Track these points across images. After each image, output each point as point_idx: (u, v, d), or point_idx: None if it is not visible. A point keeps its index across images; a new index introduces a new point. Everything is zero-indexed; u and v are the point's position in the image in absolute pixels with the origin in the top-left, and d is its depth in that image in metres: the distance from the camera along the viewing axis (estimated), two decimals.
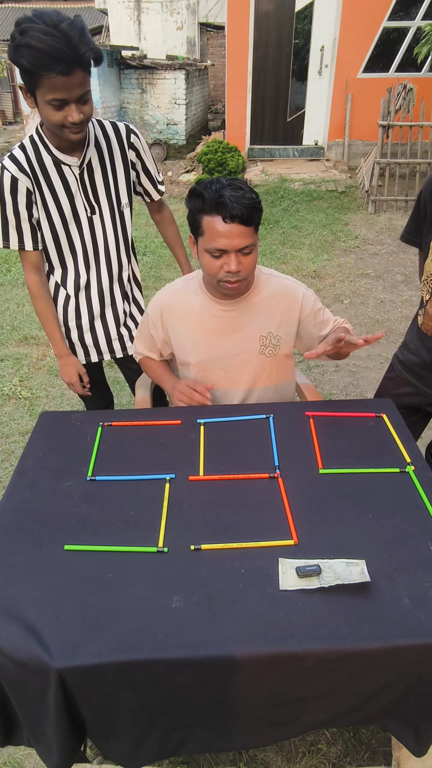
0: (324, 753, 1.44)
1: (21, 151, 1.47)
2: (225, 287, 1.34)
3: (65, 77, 1.23)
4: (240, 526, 1.09)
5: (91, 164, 1.53)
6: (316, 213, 5.91)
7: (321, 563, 0.99)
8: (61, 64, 1.20)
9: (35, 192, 1.50)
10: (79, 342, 1.78)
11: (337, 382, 3.08)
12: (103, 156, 1.54)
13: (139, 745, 0.98)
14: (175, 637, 0.88)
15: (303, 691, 0.92)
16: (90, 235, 1.61)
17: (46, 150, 1.47)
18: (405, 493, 1.16)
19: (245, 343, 1.46)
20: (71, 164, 1.49)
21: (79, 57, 1.21)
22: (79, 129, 1.37)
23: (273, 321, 1.46)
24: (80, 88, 1.28)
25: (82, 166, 1.51)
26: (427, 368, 1.50)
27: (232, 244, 1.26)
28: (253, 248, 1.31)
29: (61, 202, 1.54)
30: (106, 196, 1.59)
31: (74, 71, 1.23)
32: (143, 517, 1.12)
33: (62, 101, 1.29)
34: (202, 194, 1.26)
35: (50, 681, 0.86)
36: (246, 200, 1.23)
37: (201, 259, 1.34)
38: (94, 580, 0.98)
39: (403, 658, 0.88)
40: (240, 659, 0.86)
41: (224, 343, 1.46)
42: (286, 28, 7.02)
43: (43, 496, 1.17)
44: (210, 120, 11.08)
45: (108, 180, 1.57)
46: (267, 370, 1.51)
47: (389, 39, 6.79)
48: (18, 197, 1.48)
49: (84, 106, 1.33)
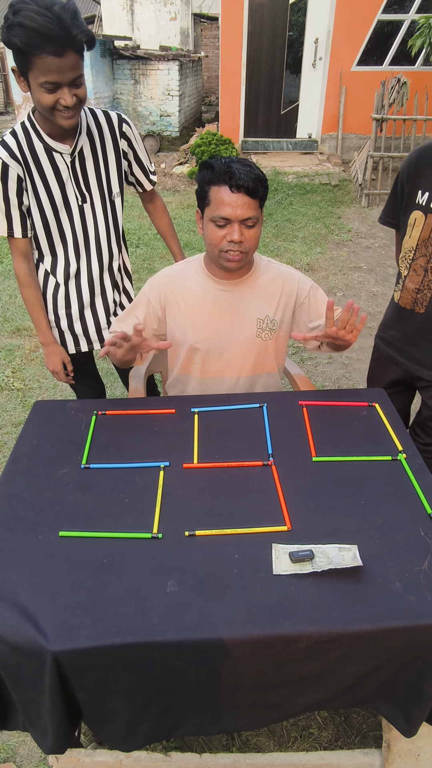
0: (316, 737, 1.46)
1: (12, 137, 1.46)
2: (225, 258, 1.36)
3: (57, 59, 1.22)
4: (234, 513, 1.10)
5: (83, 152, 1.52)
6: (310, 206, 5.91)
7: (314, 548, 1.00)
8: (53, 44, 1.20)
9: (26, 179, 1.49)
10: (68, 330, 1.77)
11: (329, 374, 3.10)
12: (95, 144, 1.54)
13: (133, 728, 0.99)
14: (169, 621, 0.89)
15: (295, 673, 0.93)
16: (81, 223, 1.60)
17: (38, 137, 1.46)
18: (396, 481, 1.18)
19: (243, 326, 1.48)
20: (63, 152, 1.48)
21: (71, 38, 1.21)
22: (71, 114, 1.35)
23: (271, 305, 1.48)
24: (73, 71, 1.27)
25: (74, 154, 1.50)
26: (407, 341, 1.57)
27: (236, 213, 1.30)
28: (257, 222, 1.34)
29: (52, 189, 1.52)
30: (97, 184, 1.58)
31: (66, 52, 1.23)
32: (138, 504, 1.13)
33: (55, 84, 1.27)
34: (212, 165, 1.32)
35: (46, 664, 0.87)
36: (253, 174, 1.29)
37: (205, 230, 1.38)
38: (89, 565, 0.99)
39: (393, 640, 0.90)
40: (234, 641, 0.87)
41: (222, 325, 1.47)
42: (281, 19, 6.98)
43: (37, 484, 1.18)
44: (204, 112, 11.01)
45: (99, 169, 1.57)
46: (262, 355, 1.52)
47: (383, 32, 6.78)
48: (8, 184, 1.47)
49: (77, 89, 1.32)
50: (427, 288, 1.45)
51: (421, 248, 1.43)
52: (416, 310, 1.50)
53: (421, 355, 1.56)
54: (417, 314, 1.51)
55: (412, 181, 1.43)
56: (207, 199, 1.33)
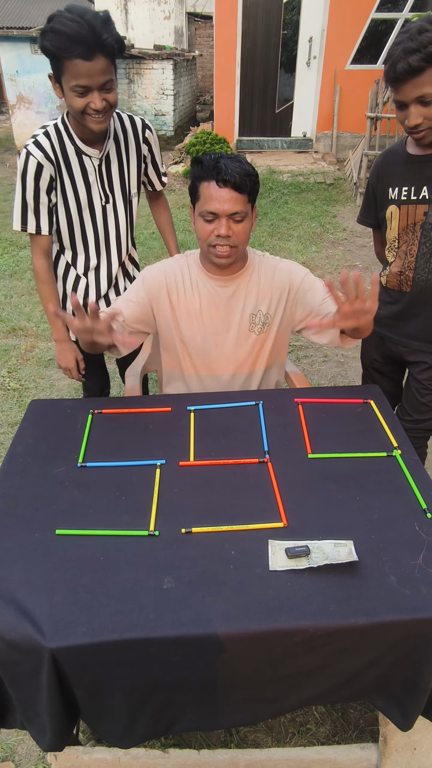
0: (313, 733, 1.47)
1: (46, 138, 1.51)
2: (214, 253, 1.37)
3: (87, 62, 1.28)
4: (230, 510, 1.11)
5: (109, 156, 1.60)
6: (305, 205, 5.92)
7: (310, 544, 1.01)
8: (82, 47, 1.25)
9: (57, 179, 1.55)
10: None
11: (325, 372, 3.11)
12: (120, 148, 1.61)
13: (131, 725, 0.99)
14: (166, 617, 0.90)
15: (292, 667, 0.94)
16: (103, 222, 1.67)
17: (70, 139, 1.52)
18: (391, 477, 1.18)
19: (236, 320, 1.48)
20: (92, 155, 1.55)
21: (101, 42, 1.27)
22: (101, 118, 1.41)
23: (264, 300, 1.48)
24: (103, 75, 1.32)
25: (101, 158, 1.57)
26: (394, 317, 1.70)
27: (223, 208, 1.31)
28: (245, 217, 1.35)
29: (79, 190, 1.59)
30: (120, 186, 1.66)
31: (96, 56, 1.28)
32: (134, 501, 1.13)
33: (85, 88, 1.33)
34: (201, 161, 1.33)
35: (43, 661, 0.87)
36: (241, 169, 1.30)
37: (196, 225, 1.39)
38: (85, 562, 0.99)
39: (388, 634, 0.90)
40: (230, 637, 0.88)
41: (215, 319, 1.48)
42: (275, 18, 6.99)
43: (34, 482, 1.18)
44: (198, 111, 11.01)
45: (123, 171, 1.65)
46: (255, 351, 1.52)
47: (377, 30, 6.79)
48: (41, 183, 1.53)
49: (107, 94, 1.37)
50: (408, 269, 1.60)
51: (402, 236, 1.59)
52: (403, 289, 1.64)
53: (408, 329, 1.69)
54: (405, 293, 1.65)
55: (382, 182, 1.60)
56: (197, 194, 1.35)
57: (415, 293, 1.61)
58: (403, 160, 1.52)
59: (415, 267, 1.58)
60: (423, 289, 1.60)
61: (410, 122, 1.34)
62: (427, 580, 0.94)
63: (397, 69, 1.28)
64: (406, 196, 1.53)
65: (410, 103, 1.32)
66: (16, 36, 7.76)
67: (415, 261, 1.57)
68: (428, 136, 1.38)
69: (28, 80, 7.93)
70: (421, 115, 1.33)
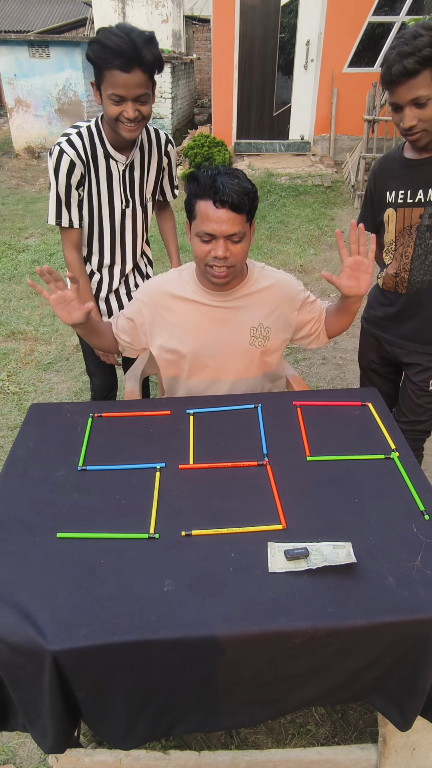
0: (313, 734, 1.48)
1: (78, 138, 1.59)
2: (211, 273, 1.35)
3: (125, 74, 1.38)
4: (229, 512, 1.11)
5: (134, 163, 1.69)
6: (303, 208, 5.94)
7: (308, 546, 1.01)
8: (121, 59, 1.35)
9: (86, 177, 1.64)
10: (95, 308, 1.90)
11: (324, 375, 3.12)
12: (143, 158, 1.71)
13: (132, 726, 1.00)
14: (167, 619, 0.90)
15: (291, 669, 0.95)
16: (120, 225, 1.76)
17: (101, 143, 1.61)
18: (390, 479, 1.19)
19: (236, 334, 1.47)
20: (119, 161, 1.65)
21: (139, 57, 1.36)
22: (133, 127, 1.50)
23: (264, 313, 1.48)
24: (138, 88, 1.42)
25: (127, 165, 1.67)
26: (388, 318, 1.74)
27: (221, 229, 1.28)
28: (243, 237, 1.32)
29: (102, 192, 1.68)
30: (139, 192, 1.75)
31: (134, 69, 1.38)
32: (134, 504, 1.14)
33: (120, 97, 1.42)
34: (197, 178, 1.30)
35: (45, 664, 0.88)
36: (239, 188, 1.26)
37: (192, 243, 1.37)
38: (86, 565, 1.00)
39: (387, 635, 0.91)
40: (230, 638, 0.89)
41: (215, 334, 1.47)
42: (272, 21, 7.02)
43: (34, 486, 1.19)
44: (196, 114, 11.04)
45: (143, 179, 1.75)
46: (255, 362, 1.53)
47: (374, 34, 6.82)
48: (72, 179, 1.62)
49: (141, 106, 1.47)
50: (403, 270, 1.64)
51: (399, 239, 1.63)
52: (399, 291, 1.68)
53: (404, 330, 1.72)
54: (400, 295, 1.68)
55: (379, 187, 1.64)
56: (193, 213, 1.32)
57: (410, 295, 1.64)
58: (401, 164, 1.55)
59: (410, 269, 1.61)
60: (418, 291, 1.62)
61: (405, 124, 1.37)
62: (425, 581, 0.95)
63: (393, 71, 1.31)
64: (403, 200, 1.56)
65: (405, 105, 1.35)
66: (14, 39, 7.78)
67: (411, 263, 1.61)
68: (423, 138, 1.40)
69: (26, 83, 7.95)
70: (415, 117, 1.35)
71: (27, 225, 5.57)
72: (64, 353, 3.29)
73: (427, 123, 1.36)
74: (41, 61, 7.78)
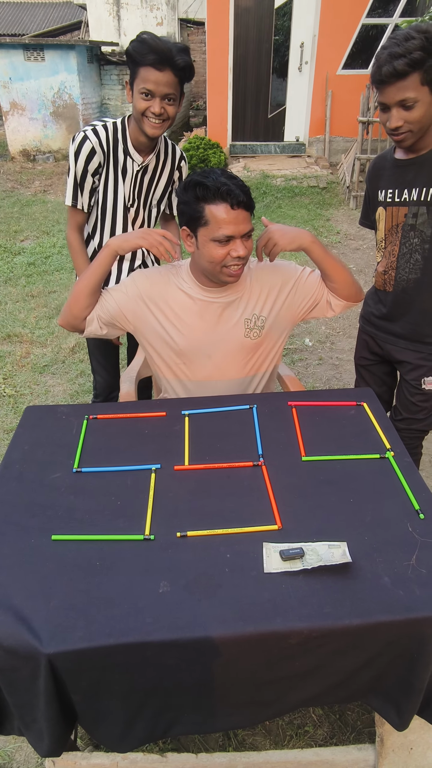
0: (311, 735, 1.47)
1: (104, 130, 1.68)
2: (228, 273, 1.37)
3: (157, 72, 1.49)
4: (225, 513, 1.11)
5: (148, 168, 1.78)
6: (298, 209, 5.95)
7: (304, 546, 1.01)
8: (155, 55, 1.47)
9: (103, 167, 1.72)
10: None
11: (320, 375, 3.12)
12: (158, 166, 1.81)
13: (128, 729, 1.00)
14: (162, 620, 0.90)
15: (288, 669, 0.95)
16: (122, 220, 1.84)
17: (123, 140, 1.70)
18: (385, 478, 1.19)
19: (231, 328, 1.47)
20: (136, 160, 1.73)
21: (172, 59, 1.49)
22: (157, 124, 1.58)
23: (258, 303, 1.48)
24: (167, 87, 1.53)
25: (141, 167, 1.75)
26: (382, 318, 1.77)
27: (239, 229, 1.31)
28: (252, 232, 1.36)
29: (113, 186, 1.76)
30: (145, 195, 1.84)
31: (165, 69, 1.49)
32: (130, 506, 1.14)
33: (149, 92, 1.53)
34: (203, 183, 1.29)
35: (40, 667, 0.87)
36: (244, 186, 1.31)
37: (204, 249, 1.34)
38: (82, 568, 1.00)
39: (383, 634, 0.91)
40: (226, 639, 0.89)
41: (210, 329, 1.47)
42: (266, 24, 7.04)
43: (29, 488, 1.18)
44: (191, 116, 11.05)
45: (152, 186, 1.84)
46: (252, 355, 1.52)
47: (368, 36, 6.85)
48: (90, 165, 1.70)
49: (168, 105, 1.56)
50: (391, 268, 1.66)
51: (388, 237, 1.65)
52: (387, 289, 1.70)
53: (394, 328, 1.74)
54: (388, 293, 1.70)
55: (372, 185, 1.69)
56: (203, 219, 1.31)
57: (398, 293, 1.67)
58: (390, 164, 1.58)
59: (397, 267, 1.64)
60: (405, 289, 1.65)
61: (391, 124, 1.40)
62: (420, 580, 0.96)
63: (383, 72, 1.33)
64: (391, 199, 1.59)
65: (392, 105, 1.37)
66: (9, 43, 7.78)
67: (397, 261, 1.63)
68: (408, 139, 1.42)
69: (21, 87, 7.95)
70: (401, 119, 1.38)
71: (22, 228, 5.57)
72: (59, 356, 3.28)
73: (413, 125, 1.38)
74: (36, 65, 7.79)
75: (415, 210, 1.54)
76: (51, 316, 3.76)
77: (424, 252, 1.57)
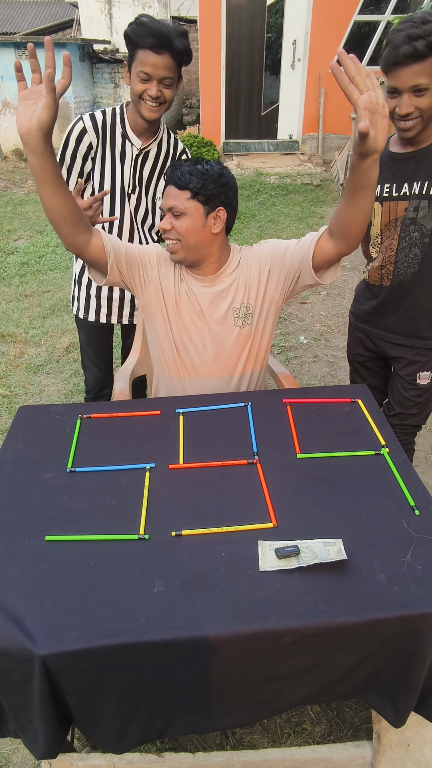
0: (309, 732, 1.47)
1: (101, 114, 1.72)
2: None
3: (155, 55, 1.50)
4: (220, 512, 1.11)
5: (148, 153, 1.78)
6: (292, 206, 5.95)
7: (299, 544, 1.01)
8: (154, 39, 1.48)
9: (96, 148, 1.73)
10: (95, 297, 1.95)
11: (315, 373, 3.12)
12: (159, 154, 1.81)
13: (124, 730, 0.99)
14: (157, 620, 0.90)
15: (284, 667, 0.94)
16: (120, 206, 1.82)
17: (122, 124, 1.72)
18: (380, 475, 1.19)
19: (221, 319, 1.48)
20: (135, 144, 1.73)
21: (170, 43, 1.49)
22: (154, 107, 1.59)
23: (245, 291, 1.48)
24: (165, 71, 1.53)
25: (142, 151, 1.75)
26: (374, 312, 1.77)
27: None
28: (182, 214, 1.36)
29: (110, 169, 1.77)
30: (146, 183, 1.83)
31: (163, 53, 1.50)
32: (124, 506, 1.13)
33: (148, 75, 1.54)
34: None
35: (34, 668, 0.87)
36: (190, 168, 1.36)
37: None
38: (76, 568, 0.99)
39: (379, 631, 0.91)
40: (222, 639, 0.88)
41: (200, 320, 1.48)
42: (258, 21, 7.03)
43: (23, 489, 1.17)
44: (185, 114, 11.03)
45: (153, 173, 1.83)
46: (242, 345, 1.51)
47: (360, 32, 6.86)
48: (80, 147, 1.71)
49: (165, 88, 1.57)
50: (388, 263, 1.66)
51: (385, 231, 1.65)
52: (383, 283, 1.69)
53: (388, 323, 1.74)
54: (384, 287, 1.70)
55: None
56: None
57: (394, 286, 1.66)
58: (386, 158, 1.56)
59: (396, 261, 1.63)
60: (401, 283, 1.64)
61: (402, 110, 1.37)
62: (415, 576, 0.95)
63: (400, 52, 1.30)
64: (388, 193, 1.58)
65: (405, 90, 1.35)
66: (0, 41, 7.74)
67: (396, 255, 1.63)
68: (416, 126, 1.41)
69: (12, 86, 7.90)
70: (413, 105, 1.36)
71: (15, 227, 5.54)
72: (54, 355, 3.27)
73: (423, 112, 1.37)
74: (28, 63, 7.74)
75: (416, 204, 1.53)
76: (45, 316, 3.74)
77: (423, 246, 1.56)
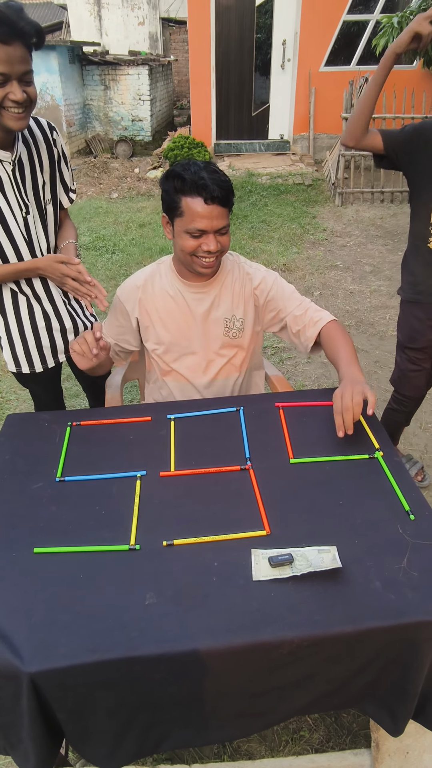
0: (307, 739, 1.45)
1: None
2: (200, 264, 1.37)
3: (4, 46, 1.19)
4: (212, 520, 1.09)
5: (22, 160, 1.44)
6: (284, 207, 5.94)
7: (293, 552, 0.99)
8: (1, 27, 1.16)
9: None
10: (35, 347, 1.68)
11: (309, 374, 3.11)
12: (31, 152, 1.47)
13: (117, 745, 0.97)
14: (149, 634, 0.88)
15: (280, 679, 0.92)
16: (25, 234, 1.50)
17: None
18: (374, 479, 1.17)
19: (212, 325, 1.49)
20: (4, 159, 1.40)
21: (17, 29, 1.19)
22: (21, 114, 1.29)
23: (237, 304, 1.49)
24: (22, 64, 1.24)
25: (14, 162, 1.42)
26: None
27: (212, 225, 1.31)
28: (228, 228, 1.36)
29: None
30: (34, 194, 1.50)
31: (13, 42, 1.20)
32: (114, 515, 1.11)
33: (4, 76, 1.22)
34: (182, 175, 1.29)
35: (22, 686, 0.84)
36: (224, 182, 1.30)
37: (178, 238, 1.37)
38: (64, 581, 0.97)
39: (375, 640, 0.89)
40: (215, 652, 0.86)
41: (193, 326, 1.48)
42: (248, 22, 7.02)
43: (10, 500, 1.15)
44: (176, 116, 11.02)
45: (36, 177, 1.49)
46: (232, 355, 1.53)
47: (349, 32, 6.86)
48: None
49: (28, 87, 1.28)
50: None
51: None
52: None
53: None
54: None
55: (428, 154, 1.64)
56: (179, 210, 1.31)
57: None
58: None
59: None
60: None
61: None
62: (411, 583, 0.94)
63: None
64: None
65: None
66: None
67: None
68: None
69: None
70: None
71: None
72: None
73: None
74: None
75: None
76: None
77: None
